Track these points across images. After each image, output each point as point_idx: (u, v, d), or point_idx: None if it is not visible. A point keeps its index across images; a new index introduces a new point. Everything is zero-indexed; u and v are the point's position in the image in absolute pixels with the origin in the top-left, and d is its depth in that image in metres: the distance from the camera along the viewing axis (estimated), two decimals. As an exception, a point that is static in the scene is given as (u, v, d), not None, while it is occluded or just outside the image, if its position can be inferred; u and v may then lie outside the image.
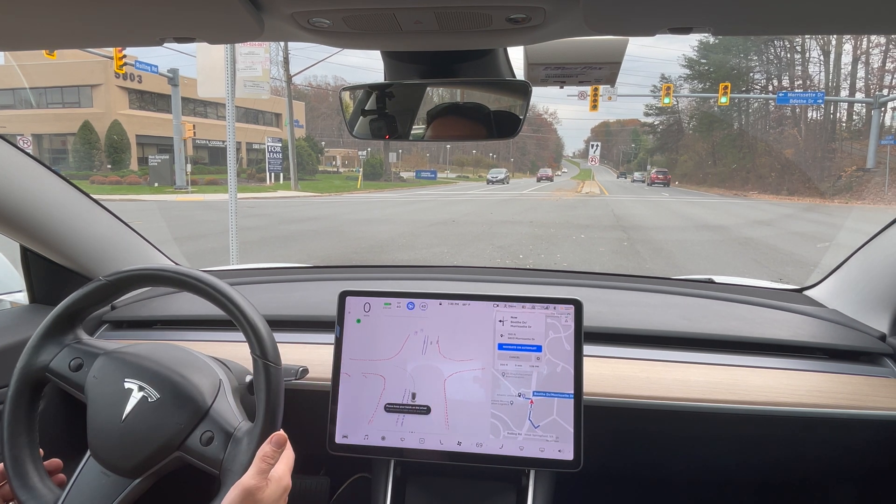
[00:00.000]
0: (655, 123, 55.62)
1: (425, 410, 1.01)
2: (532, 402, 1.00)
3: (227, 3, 0.61)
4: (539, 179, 52.22)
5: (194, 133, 24.84)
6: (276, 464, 0.78)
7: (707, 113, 43.48)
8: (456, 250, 8.71)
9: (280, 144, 25.86)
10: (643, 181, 46.17)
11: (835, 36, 30.09)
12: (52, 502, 0.83)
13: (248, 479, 0.74)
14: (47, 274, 1.33)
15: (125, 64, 17.41)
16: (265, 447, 0.78)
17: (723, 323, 1.26)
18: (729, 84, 22.39)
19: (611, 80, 0.95)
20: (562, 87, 1.02)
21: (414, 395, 1.02)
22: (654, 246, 9.46)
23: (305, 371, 1.03)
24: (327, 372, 1.05)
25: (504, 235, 10.42)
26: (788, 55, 37.33)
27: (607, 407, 1.09)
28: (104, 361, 0.88)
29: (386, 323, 1.05)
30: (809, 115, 34.94)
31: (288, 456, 0.80)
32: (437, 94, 1.01)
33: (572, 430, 0.98)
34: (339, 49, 1.07)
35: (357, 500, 1.49)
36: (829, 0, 0.58)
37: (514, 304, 1.03)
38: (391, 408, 1.02)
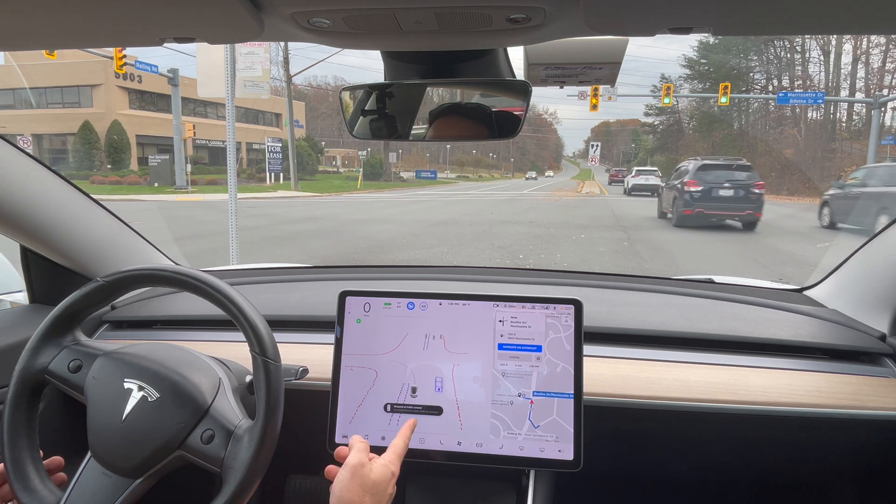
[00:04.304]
0: (655, 123, 55.59)
1: (427, 411, 1.01)
2: (532, 402, 0.99)
3: (226, 3, 0.61)
4: None
5: (194, 133, 24.83)
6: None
7: (707, 113, 43.44)
8: (456, 250, 8.70)
9: (280, 144, 25.85)
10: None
11: (835, 36, 30.09)
12: (52, 503, 0.83)
13: (351, 458, 0.83)
14: (47, 274, 1.33)
15: (125, 64, 17.40)
16: (356, 436, 0.89)
17: (723, 323, 1.26)
18: (729, 84, 22.36)
19: (611, 80, 0.95)
20: (562, 87, 1.02)
21: (415, 396, 1.02)
22: (654, 246, 9.46)
23: (305, 371, 1.03)
24: (327, 372, 1.05)
25: (504, 235, 10.41)
26: (788, 55, 37.35)
27: (607, 407, 1.09)
28: (103, 362, 0.88)
29: (386, 323, 1.05)
30: (809, 115, 34.97)
31: (396, 444, 0.89)
32: (437, 94, 1.01)
33: (572, 430, 0.98)
34: (339, 49, 1.07)
35: None
36: (829, 0, 0.58)
37: (514, 304, 1.03)
38: (391, 408, 1.02)
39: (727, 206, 11.20)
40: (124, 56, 17.04)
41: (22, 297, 1.50)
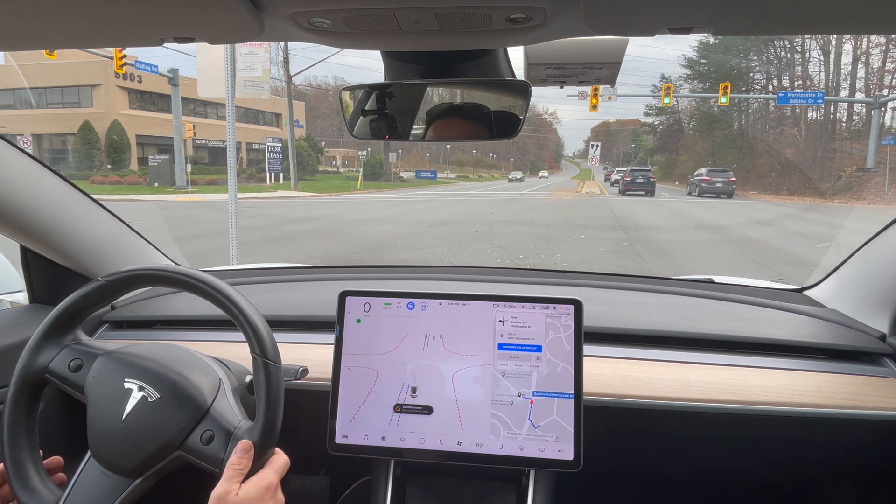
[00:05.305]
0: (655, 123, 55.56)
1: (427, 411, 1.01)
2: (532, 402, 0.99)
3: (227, 3, 0.61)
4: None
5: (194, 133, 24.83)
6: (260, 467, 0.80)
7: (707, 113, 43.41)
8: (456, 250, 8.70)
9: (280, 144, 25.87)
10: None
11: (835, 36, 30.08)
12: (52, 503, 0.83)
13: (216, 488, 0.76)
14: (47, 274, 1.33)
15: (125, 64, 17.41)
16: (232, 457, 0.78)
17: (723, 323, 1.26)
18: (729, 84, 22.39)
19: (611, 80, 0.95)
20: (562, 87, 1.02)
21: (415, 396, 1.02)
22: (654, 246, 9.46)
23: (305, 371, 1.03)
24: (327, 372, 1.05)
25: (504, 235, 10.42)
26: (788, 55, 37.33)
27: (607, 407, 1.09)
28: (103, 362, 0.88)
29: (386, 323, 1.05)
30: (809, 115, 34.94)
31: (276, 461, 0.82)
32: (437, 94, 1.01)
33: (572, 430, 0.98)
34: (339, 49, 1.07)
35: (358, 500, 1.49)
36: (830, 0, 0.58)
37: (514, 304, 1.03)
38: (396, 408, 1.02)
39: (640, 186, 25.91)
40: (124, 56, 17.05)
41: (22, 297, 1.50)
